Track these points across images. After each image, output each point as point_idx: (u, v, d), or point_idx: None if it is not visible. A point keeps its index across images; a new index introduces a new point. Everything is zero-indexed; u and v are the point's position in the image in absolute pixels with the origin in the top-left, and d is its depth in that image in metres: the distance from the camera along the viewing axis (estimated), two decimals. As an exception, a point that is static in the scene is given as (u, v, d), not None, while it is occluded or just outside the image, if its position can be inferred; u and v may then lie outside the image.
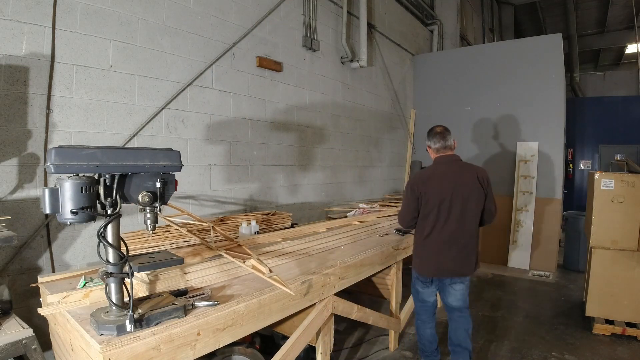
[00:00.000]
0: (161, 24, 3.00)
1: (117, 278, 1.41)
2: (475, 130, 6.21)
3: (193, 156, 3.26)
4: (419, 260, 2.63)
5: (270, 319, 1.84)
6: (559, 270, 5.66)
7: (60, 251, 2.49)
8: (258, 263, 1.92)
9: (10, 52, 2.22)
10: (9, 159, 2.24)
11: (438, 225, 2.50)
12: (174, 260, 1.63)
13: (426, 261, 2.59)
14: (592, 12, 11.24)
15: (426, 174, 2.56)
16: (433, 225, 2.51)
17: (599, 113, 9.52)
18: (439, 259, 2.54)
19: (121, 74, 2.76)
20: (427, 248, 2.56)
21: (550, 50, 5.60)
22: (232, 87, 3.57)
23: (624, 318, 3.46)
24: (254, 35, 3.75)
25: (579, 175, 9.69)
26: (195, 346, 1.49)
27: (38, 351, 1.62)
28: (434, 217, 2.50)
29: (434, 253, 2.54)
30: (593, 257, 3.56)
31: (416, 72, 6.92)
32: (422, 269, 2.62)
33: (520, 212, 5.71)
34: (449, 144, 2.61)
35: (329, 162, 4.86)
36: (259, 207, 3.85)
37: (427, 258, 2.58)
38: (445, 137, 2.60)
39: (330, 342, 2.35)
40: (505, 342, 3.33)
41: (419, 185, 2.51)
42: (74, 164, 1.25)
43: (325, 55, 4.77)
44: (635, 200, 3.41)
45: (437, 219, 2.50)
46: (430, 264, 2.58)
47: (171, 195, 1.52)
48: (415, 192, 2.52)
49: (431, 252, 2.55)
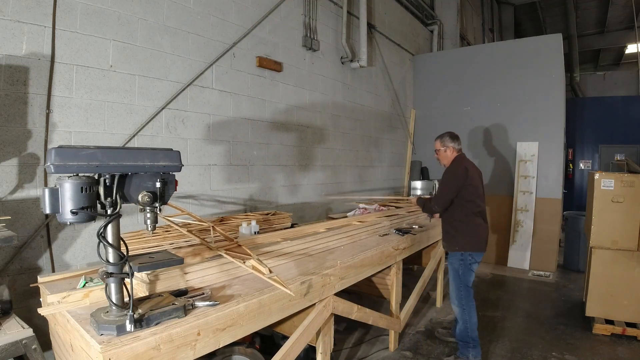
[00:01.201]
0: (161, 24, 3.00)
1: (117, 278, 1.41)
2: (475, 130, 6.21)
3: (193, 156, 3.26)
4: (476, 238, 2.97)
5: (270, 319, 1.84)
6: (559, 270, 5.66)
7: (60, 251, 2.49)
8: (258, 263, 1.92)
9: (10, 52, 2.22)
10: (9, 159, 2.24)
11: (482, 207, 3.02)
12: (174, 260, 1.63)
13: (482, 237, 2.99)
14: (592, 12, 11.24)
15: (465, 165, 2.99)
16: (479, 207, 2.99)
17: (599, 113, 9.52)
18: (486, 233, 3.03)
19: (121, 74, 2.76)
20: (479, 226, 2.98)
21: (550, 50, 5.60)
22: (232, 87, 3.57)
23: (624, 318, 3.46)
24: (254, 35, 3.75)
25: (579, 175, 9.69)
26: (195, 346, 1.49)
27: (38, 351, 1.62)
28: (479, 200, 3.00)
29: (483, 229, 3.00)
30: (593, 257, 3.56)
31: (416, 72, 6.92)
32: (481, 245, 2.98)
33: (520, 212, 5.71)
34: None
35: (329, 162, 4.86)
36: (259, 207, 3.85)
37: (482, 235, 2.99)
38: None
39: (330, 342, 2.35)
40: (505, 342, 3.33)
41: (464, 174, 2.93)
42: (74, 164, 1.25)
43: (325, 55, 4.77)
44: (635, 200, 3.41)
45: (480, 202, 3.00)
46: (483, 240, 3.00)
47: (171, 195, 1.52)
48: (460, 180, 2.92)
49: (482, 228, 3.00)
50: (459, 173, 2.94)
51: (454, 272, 3.04)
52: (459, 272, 3.00)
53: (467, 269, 2.98)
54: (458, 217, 3.00)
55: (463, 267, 2.98)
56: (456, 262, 3.01)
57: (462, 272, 2.98)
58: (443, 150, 3.13)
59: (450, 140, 3.12)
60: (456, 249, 3.00)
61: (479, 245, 2.98)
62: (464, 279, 2.99)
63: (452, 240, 3.04)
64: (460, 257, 2.98)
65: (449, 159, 3.11)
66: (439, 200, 3.01)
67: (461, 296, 2.99)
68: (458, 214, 2.99)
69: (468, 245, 2.96)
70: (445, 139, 3.13)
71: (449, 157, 3.11)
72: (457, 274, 3.02)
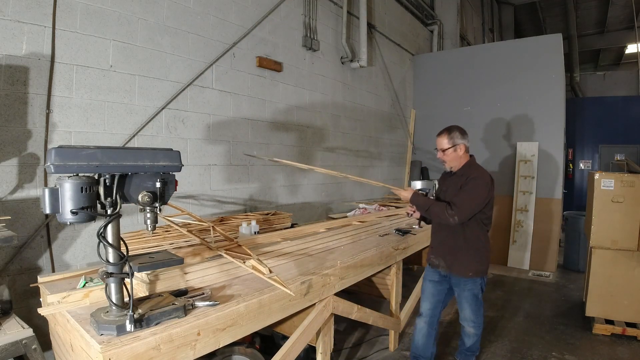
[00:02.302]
0: (161, 24, 2.99)
1: (117, 278, 1.41)
2: (475, 130, 6.18)
3: (193, 156, 3.26)
4: (487, 261, 2.61)
5: (270, 319, 1.84)
6: (559, 270, 5.66)
7: (60, 251, 2.49)
8: (258, 263, 1.92)
9: (10, 52, 2.22)
10: (9, 159, 2.24)
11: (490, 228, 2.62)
12: (174, 260, 1.63)
13: (489, 259, 2.64)
14: (592, 12, 11.24)
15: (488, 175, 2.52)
16: (491, 224, 2.60)
17: (599, 113, 9.51)
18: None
19: (121, 74, 2.76)
20: (488, 248, 2.60)
21: (550, 50, 5.60)
22: (232, 87, 3.57)
23: (624, 318, 3.46)
24: (254, 35, 3.75)
25: (579, 175, 9.69)
26: (195, 346, 1.49)
27: (38, 351, 1.62)
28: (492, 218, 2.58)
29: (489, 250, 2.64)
30: (593, 257, 3.56)
31: (416, 72, 6.92)
32: (488, 267, 2.64)
33: (520, 212, 5.71)
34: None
35: (329, 162, 4.86)
36: (259, 207, 3.85)
37: (489, 256, 2.64)
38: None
39: (330, 342, 2.35)
40: (505, 342, 3.33)
41: (492, 187, 2.49)
42: (74, 164, 1.25)
43: (325, 55, 4.77)
44: (635, 200, 3.41)
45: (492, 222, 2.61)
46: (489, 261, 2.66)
47: (171, 195, 1.52)
48: (490, 192, 2.46)
49: (489, 250, 2.63)
50: (489, 184, 2.44)
51: (473, 298, 2.61)
52: (478, 297, 2.62)
53: (482, 292, 2.67)
54: (477, 235, 2.50)
55: (481, 292, 2.64)
56: (476, 288, 2.59)
57: (480, 296, 2.64)
58: (452, 150, 2.50)
59: (461, 137, 2.51)
60: (471, 275, 2.54)
61: (488, 267, 2.68)
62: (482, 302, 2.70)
63: (472, 264, 2.52)
64: (480, 282, 2.59)
65: (460, 160, 2.53)
66: (465, 210, 2.35)
67: (480, 321, 2.70)
68: (477, 232, 2.49)
69: (486, 270, 2.61)
70: (454, 134, 2.50)
71: (461, 158, 2.53)
72: (476, 299, 2.61)
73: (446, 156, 2.54)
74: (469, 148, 2.59)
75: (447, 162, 2.56)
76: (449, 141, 2.50)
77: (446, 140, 2.51)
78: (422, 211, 2.56)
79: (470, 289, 2.59)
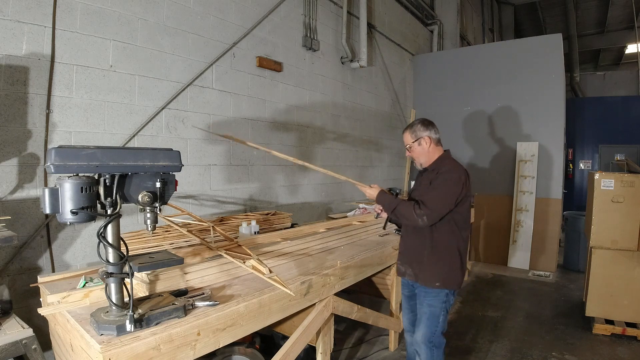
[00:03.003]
0: (161, 24, 2.99)
1: (117, 278, 1.41)
2: (475, 130, 6.21)
3: (193, 156, 3.26)
4: (462, 272, 2.26)
5: (270, 319, 1.84)
6: (559, 270, 5.66)
7: (60, 251, 2.49)
8: (258, 263, 1.92)
9: (10, 52, 2.22)
10: (9, 159, 2.24)
11: (470, 232, 2.37)
12: (174, 260, 1.63)
13: (463, 270, 2.29)
14: (592, 12, 11.24)
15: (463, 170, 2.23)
16: (469, 228, 2.30)
17: (599, 113, 9.51)
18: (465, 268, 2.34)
19: (121, 74, 2.76)
20: (464, 255, 2.27)
21: (550, 50, 5.60)
22: (232, 87, 3.57)
23: (624, 318, 3.46)
24: (254, 35, 3.75)
25: (579, 175, 9.69)
26: (195, 346, 1.49)
27: (38, 351, 1.62)
28: (469, 220, 2.29)
29: (465, 261, 2.31)
30: (593, 257, 3.56)
31: (416, 72, 6.92)
32: (460, 281, 2.27)
33: (520, 212, 5.71)
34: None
35: (329, 162, 4.86)
36: (259, 207, 3.85)
37: (464, 267, 2.29)
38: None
39: (330, 342, 2.35)
40: (505, 342, 3.33)
41: (467, 180, 2.18)
42: (74, 164, 1.25)
43: (325, 55, 4.77)
44: (635, 200, 3.41)
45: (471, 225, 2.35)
46: (464, 273, 2.30)
47: (171, 195, 1.52)
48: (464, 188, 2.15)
49: (465, 258, 2.29)
50: (463, 179, 2.15)
51: (432, 315, 2.21)
52: (439, 318, 2.21)
53: (447, 311, 2.26)
54: (448, 239, 2.19)
55: (445, 312, 2.24)
56: (438, 303, 2.20)
57: (443, 317, 2.23)
58: (416, 144, 2.26)
59: (424, 129, 2.26)
60: (437, 285, 2.18)
61: (461, 282, 2.28)
62: (443, 325, 2.25)
63: (435, 272, 2.19)
64: (445, 297, 2.21)
65: (429, 155, 2.27)
66: (435, 209, 2.06)
67: (432, 346, 2.23)
68: (448, 235, 2.18)
69: (457, 282, 2.22)
70: (416, 127, 2.27)
71: (429, 152, 2.27)
72: (436, 319, 2.21)
73: (412, 152, 2.31)
74: (439, 140, 2.33)
75: (416, 158, 2.33)
76: (412, 135, 2.29)
77: (409, 135, 2.31)
78: (388, 212, 2.24)
79: (429, 304, 2.22)
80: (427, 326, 2.22)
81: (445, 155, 2.30)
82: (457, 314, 3.96)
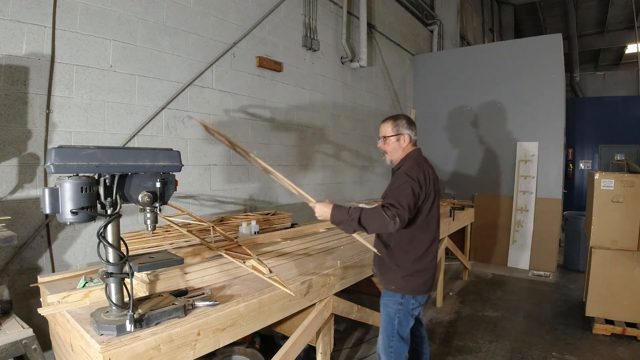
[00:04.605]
0: (161, 24, 2.99)
1: (117, 278, 1.41)
2: (475, 130, 6.21)
3: (193, 156, 3.26)
4: (428, 277, 2.14)
5: (270, 319, 1.84)
6: (559, 270, 5.66)
7: (60, 251, 2.49)
8: (258, 263, 1.92)
9: (10, 52, 2.22)
10: (9, 159, 2.24)
11: (437, 232, 2.17)
12: (174, 260, 1.62)
13: (430, 274, 2.16)
14: (592, 12, 11.24)
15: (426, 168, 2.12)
16: (435, 231, 2.16)
17: (599, 113, 9.52)
18: (435, 269, 2.19)
19: (121, 74, 2.76)
20: (434, 259, 2.16)
21: (550, 50, 5.60)
22: (232, 87, 3.57)
23: (624, 318, 3.46)
24: (254, 35, 3.75)
25: (579, 175, 9.69)
26: (195, 346, 1.49)
27: (38, 351, 1.62)
28: (436, 221, 2.16)
29: (434, 262, 2.18)
30: (593, 257, 3.56)
31: (416, 72, 6.92)
32: (432, 284, 2.17)
33: (520, 212, 5.71)
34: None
35: (329, 162, 4.86)
36: (259, 207, 3.85)
37: (430, 270, 2.16)
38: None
39: (330, 342, 2.35)
40: (505, 342, 3.33)
41: (428, 180, 2.06)
42: (74, 164, 1.25)
43: (325, 55, 4.77)
44: (635, 200, 3.41)
45: (437, 225, 2.17)
46: (431, 277, 2.17)
47: (171, 195, 1.52)
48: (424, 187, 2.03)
49: (433, 261, 2.17)
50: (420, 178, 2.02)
51: (387, 318, 2.14)
52: (394, 321, 2.11)
53: (406, 315, 2.12)
54: (409, 239, 2.07)
55: (401, 315, 2.10)
56: (392, 307, 2.12)
57: (398, 321, 2.10)
58: (395, 138, 2.15)
59: (407, 126, 2.16)
60: (393, 289, 2.11)
61: (429, 285, 2.16)
62: (400, 330, 2.11)
63: (391, 275, 2.13)
64: (400, 300, 2.10)
65: (403, 153, 2.17)
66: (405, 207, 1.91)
67: (390, 352, 2.11)
68: (409, 236, 2.07)
69: (416, 287, 2.09)
70: (401, 122, 2.16)
71: (404, 150, 2.17)
72: (391, 322, 2.12)
73: (387, 145, 2.19)
74: (416, 142, 2.24)
75: (388, 153, 2.21)
76: (394, 128, 2.16)
77: (390, 128, 2.17)
78: (350, 228, 1.94)
79: (385, 305, 2.14)
80: (384, 331, 2.15)
81: (412, 154, 2.18)
82: (457, 314, 3.96)
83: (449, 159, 6.44)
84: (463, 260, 4.98)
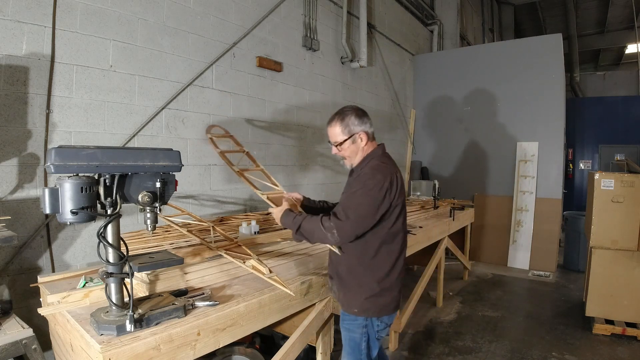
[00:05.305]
0: (161, 24, 2.99)
1: (117, 278, 1.41)
2: (475, 130, 6.21)
3: (193, 156, 3.26)
4: (396, 294, 1.86)
5: (270, 319, 1.84)
6: (559, 270, 5.66)
7: (60, 251, 2.49)
8: (258, 263, 1.92)
9: (10, 52, 2.22)
10: (9, 159, 2.24)
11: (404, 244, 1.88)
12: (174, 260, 1.63)
13: (397, 291, 1.88)
14: (592, 12, 11.24)
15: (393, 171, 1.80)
16: (402, 243, 1.86)
17: (599, 113, 9.52)
18: (402, 285, 1.90)
19: (121, 74, 2.76)
20: (400, 275, 1.87)
21: (550, 50, 5.60)
22: (232, 87, 3.57)
23: (624, 318, 3.46)
24: (254, 35, 3.75)
25: (579, 175, 9.69)
26: (195, 346, 1.49)
27: (38, 351, 1.62)
28: (403, 233, 1.86)
29: (400, 277, 1.88)
30: (593, 257, 3.56)
31: (416, 72, 6.92)
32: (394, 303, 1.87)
33: (520, 212, 5.71)
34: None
35: (329, 162, 4.86)
36: (259, 207, 3.85)
37: (397, 287, 1.87)
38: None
39: (330, 342, 2.35)
40: (505, 342, 3.33)
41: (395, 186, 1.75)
42: (74, 164, 1.25)
43: (325, 55, 4.77)
44: (635, 200, 3.41)
45: (404, 236, 1.87)
46: (398, 294, 1.89)
47: (171, 195, 1.52)
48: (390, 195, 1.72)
49: (400, 276, 1.87)
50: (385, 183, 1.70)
51: (353, 344, 1.87)
52: (361, 347, 1.85)
53: (373, 339, 1.88)
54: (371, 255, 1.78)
55: (367, 339, 1.86)
56: (357, 331, 1.85)
57: (366, 345, 1.86)
58: (350, 141, 1.81)
59: (359, 122, 1.80)
60: (355, 312, 1.82)
61: (396, 303, 1.89)
62: (370, 354, 1.89)
63: (351, 296, 1.83)
64: (363, 323, 1.83)
65: (360, 154, 1.85)
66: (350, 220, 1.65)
67: None
68: (371, 251, 1.77)
69: (382, 307, 1.82)
70: (349, 119, 1.79)
71: (365, 149, 1.84)
72: (357, 348, 1.86)
73: (343, 151, 1.84)
74: (374, 134, 1.87)
75: (347, 158, 1.87)
76: (344, 130, 1.80)
77: (340, 130, 1.80)
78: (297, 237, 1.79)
79: (349, 329, 1.87)
80: (347, 355, 1.90)
81: (374, 153, 1.84)
82: (457, 314, 3.96)
83: (449, 159, 6.45)
84: (463, 260, 4.98)
